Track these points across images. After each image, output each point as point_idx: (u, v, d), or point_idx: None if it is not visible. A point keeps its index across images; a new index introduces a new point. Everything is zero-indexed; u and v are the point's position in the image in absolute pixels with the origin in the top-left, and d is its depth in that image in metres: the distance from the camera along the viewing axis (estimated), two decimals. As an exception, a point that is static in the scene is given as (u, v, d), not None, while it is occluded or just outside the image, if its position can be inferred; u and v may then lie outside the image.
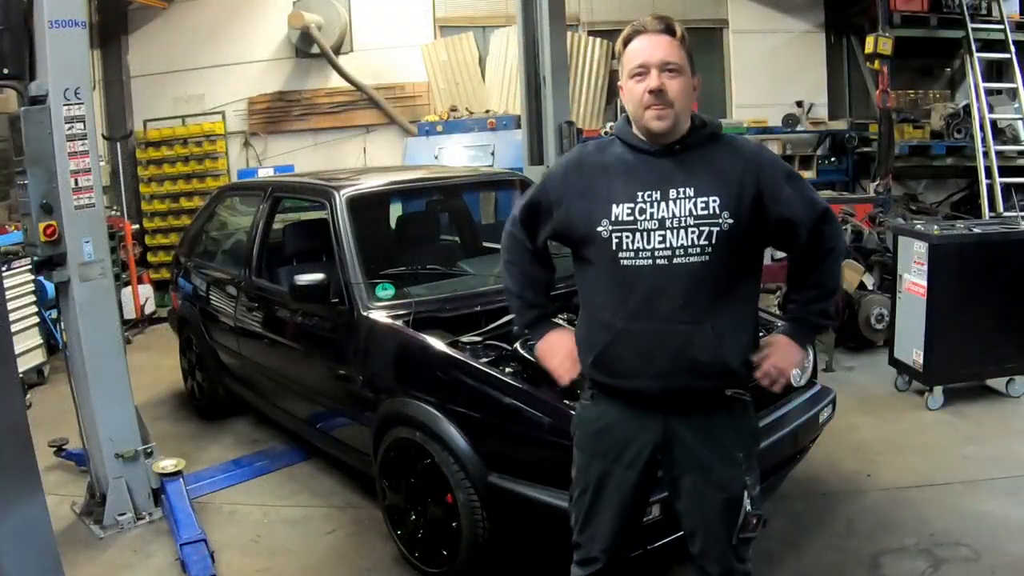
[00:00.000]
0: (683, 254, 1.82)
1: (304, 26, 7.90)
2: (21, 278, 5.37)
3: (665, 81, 1.82)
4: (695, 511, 1.96)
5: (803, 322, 2.03)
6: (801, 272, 2.03)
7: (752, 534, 1.94)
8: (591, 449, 2.01)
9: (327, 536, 3.38)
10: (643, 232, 1.84)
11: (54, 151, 3.21)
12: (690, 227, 1.82)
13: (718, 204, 1.83)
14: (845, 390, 4.43)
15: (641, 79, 1.84)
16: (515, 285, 2.14)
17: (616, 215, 1.86)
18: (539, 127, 5.44)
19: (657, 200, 1.84)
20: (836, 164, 8.42)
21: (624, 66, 1.89)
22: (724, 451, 1.93)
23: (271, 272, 4.15)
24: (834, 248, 1.98)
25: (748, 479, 1.94)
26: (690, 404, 1.91)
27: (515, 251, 2.14)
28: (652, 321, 1.85)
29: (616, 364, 1.90)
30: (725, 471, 1.92)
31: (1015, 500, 3.38)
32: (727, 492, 1.92)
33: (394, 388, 3.07)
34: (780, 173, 1.91)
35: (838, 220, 2.03)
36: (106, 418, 3.44)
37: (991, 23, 7.47)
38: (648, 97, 1.82)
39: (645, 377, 1.87)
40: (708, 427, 1.92)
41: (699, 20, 8.77)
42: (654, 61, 1.82)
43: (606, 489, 1.98)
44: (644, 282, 1.84)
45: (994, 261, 4.39)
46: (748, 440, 2.00)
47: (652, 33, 1.85)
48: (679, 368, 1.85)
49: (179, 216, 8.22)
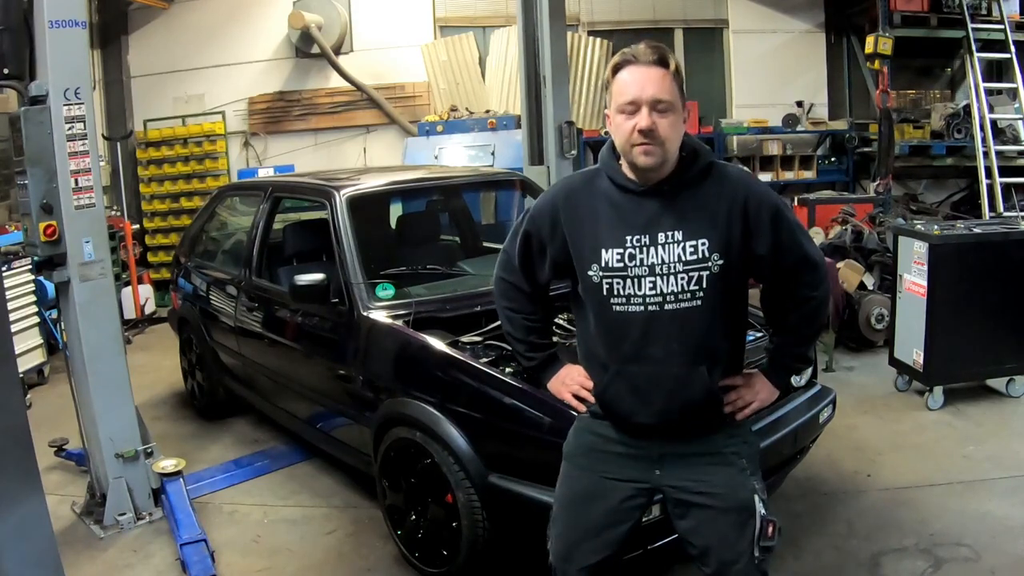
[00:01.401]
0: (674, 300, 1.79)
1: (304, 26, 7.90)
2: (21, 278, 5.37)
3: (656, 120, 1.73)
4: (707, 529, 1.88)
5: (779, 365, 2.02)
6: (777, 313, 2.00)
7: (772, 543, 1.86)
8: (584, 460, 1.98)
9: (327, 536, 3.38)
10: (633, 279, 1.80)
11: (54, 151, 3.20)
12: (679, 273, 1.78)
13: (707, 247, 1.78)
14: (845, 390, 4.45)
15: (631, 116, 1.75)
16: (517, 331, 2.08)
17: (606, 260, 1.81)
18: (539, 127, 5.44)
19: (646, 245, 1.79)
20: (836, 164, 8.43)
21: (613, 97, 1.79)
22: (726, 461, 1.90)
23: (271, 272, 4.15)
24: (813, 297, 1.92)
25: (756, 483, 1.91)
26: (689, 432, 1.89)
27: (511, 297, 2.08)
28: (647, 365, 1.82)
29: (615, 403, 1.89)
30: (731, 479, 1.89)
31: (1015, 500, 3.38)
32: (738, 501, 1.87)
33: (394, 388, 3.07)
34: (766, 208, 1.83)
35: (825, 270, 1.94)
36: (106, 418, 3.44)
37: (991, 23, 7.47)
38: (637, 136, 1.74)
39: (643, 415, 1.86)
40: (708, 441, 1.90)
41: (699, 20, 8.78)
42: (645, 98, 1.73)
43: (594, 500, 1.93)
44: (636, 328, 1.81)
45: (994, 261, 4.39)
46: (748, 446, 1.98)
47: (644, 65, 1.75)
48: (675, 406, 1.84)
49: (179, 216, 8.23)
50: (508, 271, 2.07)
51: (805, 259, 1.89)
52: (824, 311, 1.98)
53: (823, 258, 1.97)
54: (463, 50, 8.16)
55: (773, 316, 2.03)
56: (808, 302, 1.93)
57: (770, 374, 1.99)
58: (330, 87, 8.41)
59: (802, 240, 1.89)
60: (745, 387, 1.95)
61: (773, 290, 1.99)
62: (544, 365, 2.09)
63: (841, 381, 4.84)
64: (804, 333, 1.99)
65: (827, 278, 1.96)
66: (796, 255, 1.87)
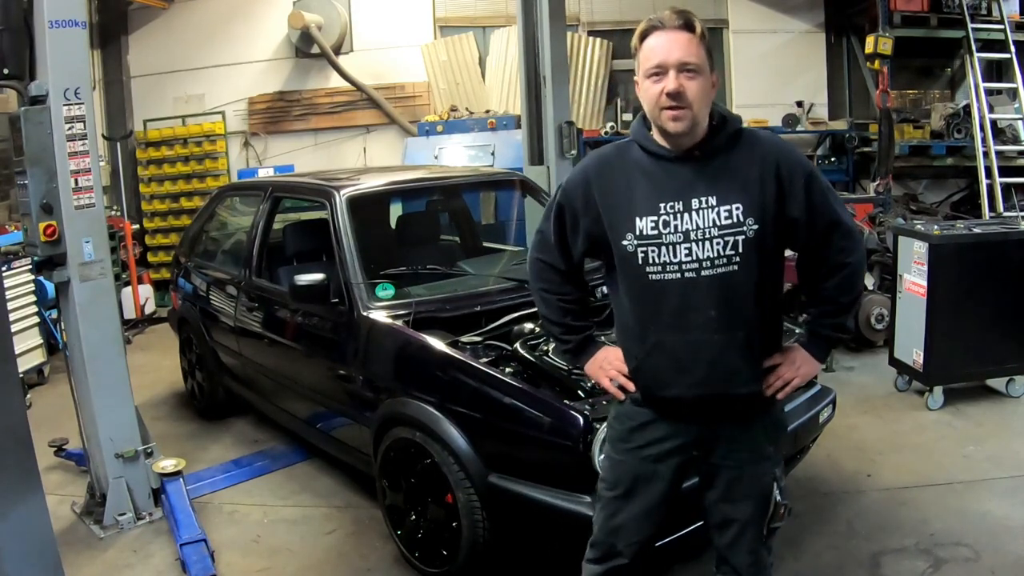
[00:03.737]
0: (710, 266, 1.79)
1: (304, 26, 7.90)
2: (21, 278, 5.37)
3: (683, 82, 1.75)
4: (729, 503, 1.96)
5: (818, 336, 2.01)
6: (812, 282, 1.99)
7: (780, 523, 1.97)
8: (625, 446, 1.99)
9: (327, 536, 3.38)
10: (668, 245, 1.80)
11: (54, 151, 3.20)
12: (715, 238, 1.78)
13: (741, 211, 1.79)
14: (845, 390, 4.44)
15: (658, 79, 1.77)
16: (554, 314, 2.07)
17: (640, 229, 1.82)
18: (539, 127, 5.43)
19: (680, 211, 1.80)
20: (836, 164, 8.42)
21: (640, 64, 1.81)
22: (757, 447, 1.95)
23: (271, 272, 4.15)
24: (847, 263, 1.91)
25: (777, 471, 1.98)
26: (726, 411, 1.91)
27: (547, 278, 2.06)
28: (685, 333, 1.83)
29: (653, 375, 1.90)
30: (757, 466, 1.94)
31: (1015, 500, 3.38)
32: (760, 486, 1.94)
33: (394, 388, 3.07)
34: (800, 170, 1.85)
35: (859, 237, 1.94)
36: (106, 418, 3.44)
37: (991, 23, 7.46)
38: (665, 99, 1.76)
39: (683, 386, 1.86)
40: (744, 426, 1.93)
41: (699, 20, 8.77)
42: (672, 61, 1.75)
43: (639, 484, 1.97)
44: (673, 296, 1.82)
45: (994, 261, 4.39)
46: (777, 434, 2.03)
47: (670, 30, 1.78)
48: (715, 377, 1.84)
49: (179, 216, 8.22)
50: (543, 250, 2.06)
51: (838, 223, 1.89)
52: (860, 279, 1.99)
53: (857, 226, 1.97)
54: (463, 50, 8.16)
55: (809, 286, 2.02)
56: (843, 268, 1.92)
57: (809, 346, 1.99)
58: (330, 87, 8.41)
59: (835, 205, 1.89)
60: (785, 364, 1.94)
61: (808, 257, 1.97)
62: (581, 347, 2.08)
63: (841, 381, 4.84)
64: (841, 302, 1.97)
65: (862, 246, 1.96)
66: (829, 218, 1.88)
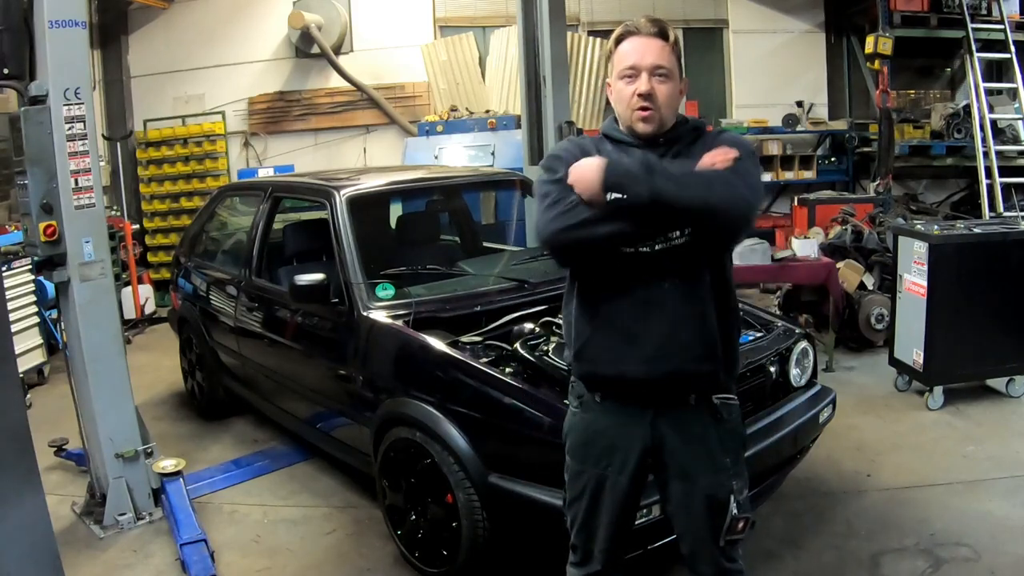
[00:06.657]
0: (663, 239, 1.82)
1: (304, 26, 7.90)
2: (21, 278, 5.37)
3: (655, 85, 1.84)
4: (683, 515, 1.98)
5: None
6: None
7: (739, 536, 1.95)
8: (582, 456, 2.01)
9: (327, 536, 3.38)
10: None
11: (54, 151, 3.20)
12: None
13: None
14: (845, 390, 4.44)
15: (631, 81, 1.86)
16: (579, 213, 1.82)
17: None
18: (539, 127, 5.44)
19: None
20: (836, 164, 8.43)
21: (615, 65, 1.90)
22: (711, 456, 1.93)
23: (271, 272, 4.15)
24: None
25: (735, 483, 1.95)
26: (676, 398, 1.90)
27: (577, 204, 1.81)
28: (636, 304, 1.85)
29: (601, 352, 1.90)
30: (712, 477, 1.93)
31: (1015, 500, 3.39)
32: (714, 497, 1.93)
33: (394, 388, 3.07)
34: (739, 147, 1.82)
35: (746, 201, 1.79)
36: (106, 418, 3.44)
37: (991, 23, 7.47)
38: (637, 99, 1.85)
39: (630, 362, 1.86)
40: (695, 432, 1.93)
41: (699, 20, 8.78)
42: (645, 64, 1.84)
43: (601, 495, 1.98)
44: (628, 267, 1.84)
45: (994, 261, 4.39)
46: (735, 445, 2.01)
47: (645, 36, 1.87)
48: (665, 352, 1.84)
49: (179, 216, 8.23)
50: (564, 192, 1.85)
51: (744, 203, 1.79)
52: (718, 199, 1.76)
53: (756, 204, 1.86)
54: (463, 50, 8.16)
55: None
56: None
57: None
58: (330, 87, 8.42)
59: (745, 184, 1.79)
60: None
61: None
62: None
63: (841, 381, 4.84)
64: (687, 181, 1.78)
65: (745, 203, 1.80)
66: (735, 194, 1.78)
